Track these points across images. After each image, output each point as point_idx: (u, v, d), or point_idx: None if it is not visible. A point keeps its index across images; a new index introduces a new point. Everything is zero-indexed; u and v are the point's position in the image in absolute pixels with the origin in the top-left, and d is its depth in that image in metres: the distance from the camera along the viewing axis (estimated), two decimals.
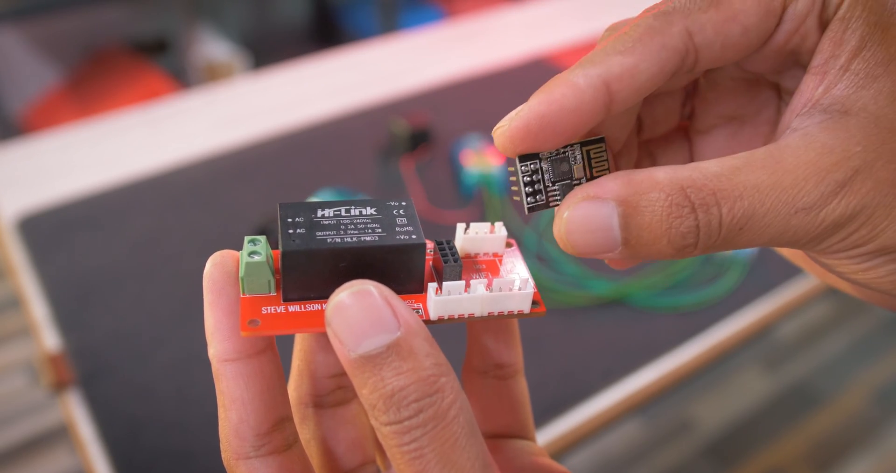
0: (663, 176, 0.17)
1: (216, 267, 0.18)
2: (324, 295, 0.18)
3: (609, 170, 0.19)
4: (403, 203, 0.19)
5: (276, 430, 0.18)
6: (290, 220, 0.18)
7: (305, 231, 0.18)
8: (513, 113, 0.18)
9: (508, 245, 0.21)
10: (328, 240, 0.18)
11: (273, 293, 0.18)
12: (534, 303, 0.19)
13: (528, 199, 0.19)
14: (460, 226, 0.20)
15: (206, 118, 0.83)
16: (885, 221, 0.16)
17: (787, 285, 0.63)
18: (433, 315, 0.18)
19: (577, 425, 0.52)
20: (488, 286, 0.18)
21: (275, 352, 0.19)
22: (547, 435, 0.51)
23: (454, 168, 0.74)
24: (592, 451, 1.22)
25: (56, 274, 0.62)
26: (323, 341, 0.21)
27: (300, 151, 0.77)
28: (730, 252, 0.64)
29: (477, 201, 0.70)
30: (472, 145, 0.73)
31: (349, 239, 0.18)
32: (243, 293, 0.18)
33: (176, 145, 0.78)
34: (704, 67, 0.19)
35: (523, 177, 0.18)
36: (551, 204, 0.19)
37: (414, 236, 0.18)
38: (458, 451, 0.15)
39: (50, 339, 0.57)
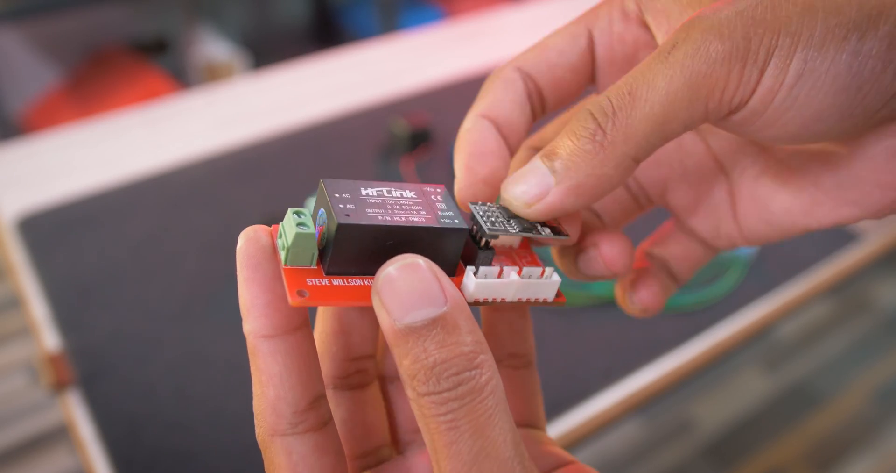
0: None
1: (250, 242, 0.18)
2: (364, 272, 0.18)
3: (560, 223, 0.21)
4: (439, 190, 0.20)
5: (313, 408, 0.18)
6: (337, 195, 0.18)
7: (355, 207, 0.18)
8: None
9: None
10: (380, 217, 0.18)
11: (314, 267, 0.18)
12: (556, 293, 0.20)
13: (487, 224, 0.19)
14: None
15: (206, 118, 0.83)
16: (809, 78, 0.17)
17: (787, 285, 0.63)
18: (470, 298, 0.19)
19: (577, 425, 0.52)
20: (519, 273, 0.19)
21: (309, 329, 0.19)
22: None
23: (454, 168, 0.74)
24: (592, 451, 1.22)
25: (56, 274, 0.62)
26: (344, 323, 0.21)
27: (300, 151, 0.77)
28: (730, 252, 0.64)
29: None
30: None
31: (398, 218, 0.18)
32: (285, 264, 0.18)
33: (176, 145, 0.78)
34: (552, 89, 0.22)
35: (477, 212, 0.20)
36: (509, 231, 0.20)
37: (457, 222, 0.19)
38: (492, 426, 0.16)
39: (50, 339, 0.57)
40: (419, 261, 0.17)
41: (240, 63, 1.69)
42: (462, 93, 0.87)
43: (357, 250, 0.18)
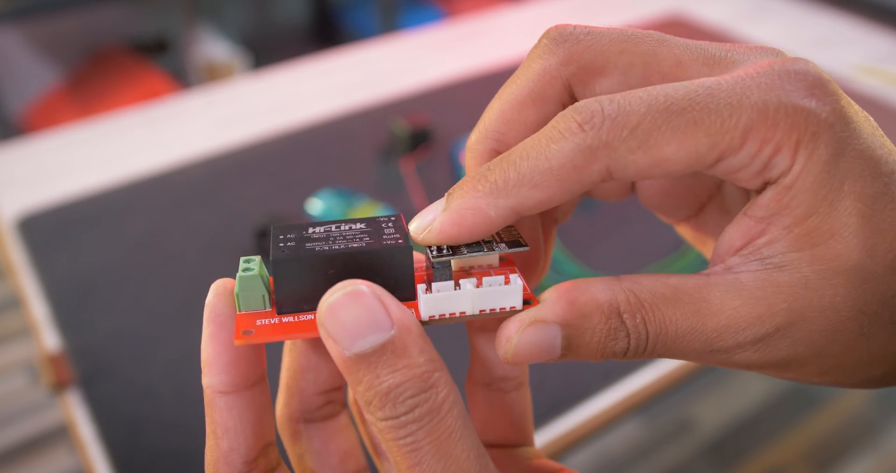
0: (603, 298, 0.18)
1: (219, 298, 0.18)
2: (316, 307, 0.18)
3: (520, 235, 0.20)
4: (393, 218, 0.20)
5: (262, 456, 0.19)
6: (281, 237, 0.19)
7: (295, 244, 0.18)
8: (425, 222, 0.19)
9: (503, 259, 0.21)
10: (316, 249, 0.18)
11: (268, 309, 0.19)
12: (525, 301, 0.19)
13: (433, 252, 0.19)
14: None
15: (206, 118, 0.84)
16: (794, 367, 0.18)
17: None
18: (424, 315, 0.19)
19: (577, 425, 0.52)
20: (478, 285, 0.19)
21: (266, 383, 0.19)
22: (547, 435, 0.51)
23: (454, 168, 0.74)
24: (592, 451, 1.22)
25: (56, 274, 0.62)
26: (312, 359, 0.21)
27: (300, 151, 0.77)
28: None
29: None
30: None
31: (336, 247, 0.18)
32: (239, 310, 0.18)
33: (176, 145, 0.78)
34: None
35: (430, 250, 0.19)
36: (456, 254, 0.19)
37: (400, 241, 0.19)
38: (454, 443, 0.16)
39: (50, 339, 0.57)
40: (361, 287, 0.16)
41: (240, 63, 1.69)
42: (462, 93, 0.87)
43: (301, 285, 0.18)
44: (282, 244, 0.18)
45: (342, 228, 0.19)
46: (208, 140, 0.79)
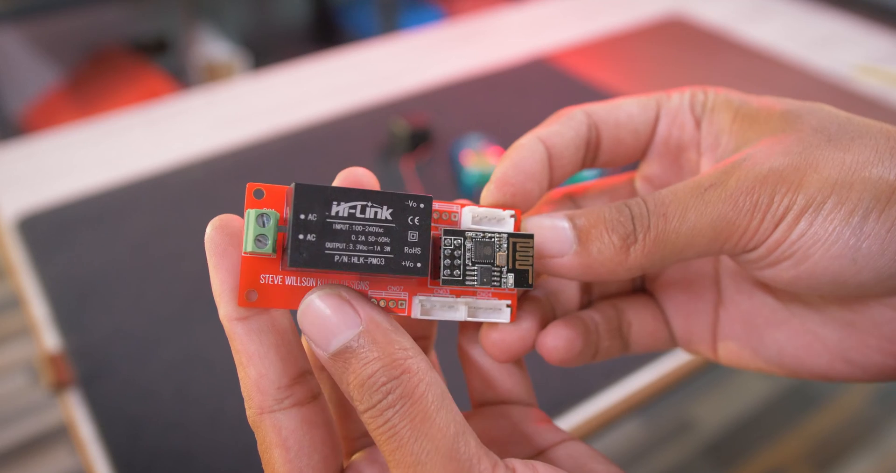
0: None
1: (217, 230, 0.19)
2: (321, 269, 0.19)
3: (532, 266, 0.20)
4: (422, 205, 0.19)
5: (298, 383, 0.19)
6: (302, 216, 0.18)
7: (315, 239, 0.18)
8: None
9: None
10: (335, 259, 0.18)
11: (273, 255, 0.18)
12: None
13: (445, 271, 0.19)
14: (467, 210, 0.21)
15: (206, 118, 0.84)
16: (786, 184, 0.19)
17: None
18: (414, 316, 0.20)
19: (577, 425, 0.52)
20: (471, 305, 0.20)
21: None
22: None
23: (454, 168, 0.74)
24: None
25: (56, 274, 0.62)
26: None
27: (300, 151, 0.77)
28: None
29: (477, 202, 0.70)
30: (472, 145, 0.73)
31: (356, 260, 0.18)
32: (245, 252, 0.18)
33: (176, 145, 0.78)
34: (610, 144, 0.23)
35: (444, 250, 0.19)
36: (467, 282, 0.20)
37: (419, 265, 0.19)
38: (429, 423, 0.17)
39: (50, 339, 0.57)
40: (328, 290, 0.18)
41: (240, 63, 1.69)
42: (462, 93, 0.87)
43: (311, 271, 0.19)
44: (301, 236, 0.18)
45: (367, 214, 0.18)
46: (208, 140, 0.79)
